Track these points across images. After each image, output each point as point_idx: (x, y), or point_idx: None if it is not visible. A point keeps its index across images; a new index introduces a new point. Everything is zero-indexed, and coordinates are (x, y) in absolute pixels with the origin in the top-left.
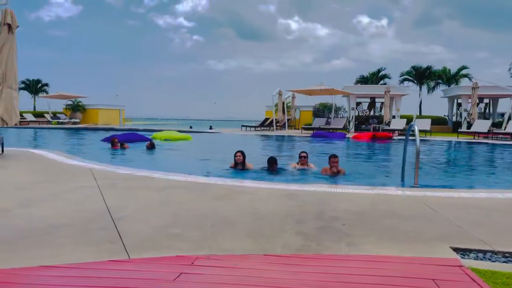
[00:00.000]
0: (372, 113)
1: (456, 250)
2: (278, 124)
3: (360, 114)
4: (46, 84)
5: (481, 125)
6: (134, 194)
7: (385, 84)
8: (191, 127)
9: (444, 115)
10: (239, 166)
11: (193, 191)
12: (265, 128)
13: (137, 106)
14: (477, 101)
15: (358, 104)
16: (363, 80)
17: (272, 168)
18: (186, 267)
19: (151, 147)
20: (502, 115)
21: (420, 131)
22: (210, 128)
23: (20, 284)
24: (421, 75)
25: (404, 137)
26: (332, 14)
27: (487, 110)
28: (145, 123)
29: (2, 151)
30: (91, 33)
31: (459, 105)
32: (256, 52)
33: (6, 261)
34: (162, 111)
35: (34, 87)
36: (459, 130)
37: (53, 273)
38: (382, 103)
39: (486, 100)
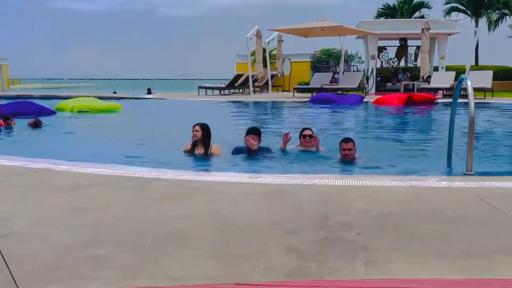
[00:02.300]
0: (402, 63)
1: None
2: (257, 84)
3: (384, 66)
4: None
5: None
6: (27, 197)
7: (422, 17)
8: (114, 92)
9: None
10: (199, 149)
11: (124, 190)
12: (237, 90)
13: (30, 59)
14: None
15: (381, 50)
16: (388, 12)
17: (252, 146)
18: None
19: (36, 125)
20: None
21: (476, 89)
22: (149, 92)
23: None
24: (478, 3)
25: (451, 100)
26: None
27: None
28: (43, 86)
29: None
30: None
31: None
32: None
33: None
34: (71, 68)
35: None
36: None
37: None
38: (418, 47)
39: None
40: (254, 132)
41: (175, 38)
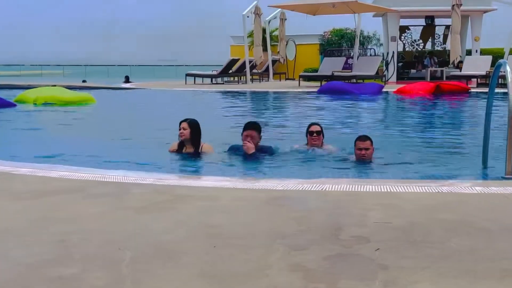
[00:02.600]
0: (429, 46)
1: None
2: (255, 71)
3: (407, 49)
4: None
5: None
6: None
7: None
8: (84, 81)
9: None
10: (187, 149)
11: (97, 197)
12: (232, 78)
13: None
14: None
15: (403, 30)
16: None
17: (248, 150)
18: None
19: None
20: None
21: None
22: (127, 80)
23: None
24: None
25: (488, 90)
26: None
27: None
28: (0, 73)
29: None
30: None
31: None
32: None
33: None
34: (34, 52)
35: None
36: None
37: None
38: (447, 27)
39: None
40: (252, 128)
41: (156, 14)
